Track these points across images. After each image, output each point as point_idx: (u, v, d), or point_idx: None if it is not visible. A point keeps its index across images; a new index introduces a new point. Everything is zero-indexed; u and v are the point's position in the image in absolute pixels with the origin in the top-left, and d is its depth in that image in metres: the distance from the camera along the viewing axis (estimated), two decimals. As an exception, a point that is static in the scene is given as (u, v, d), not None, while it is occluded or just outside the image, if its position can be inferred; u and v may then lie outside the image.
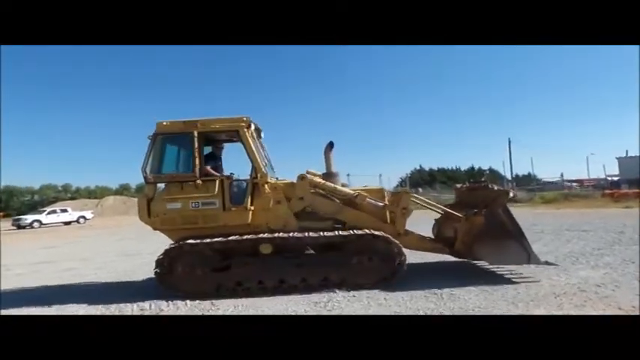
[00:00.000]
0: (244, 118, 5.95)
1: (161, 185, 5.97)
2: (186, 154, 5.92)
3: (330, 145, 6.64)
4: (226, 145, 6.63)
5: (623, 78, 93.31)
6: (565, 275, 5.66)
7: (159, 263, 5.56)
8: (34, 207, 60.11)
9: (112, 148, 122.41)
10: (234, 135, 5.98)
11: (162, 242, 6.03)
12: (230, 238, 5.61)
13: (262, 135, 6.68)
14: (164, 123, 5.87)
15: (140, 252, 11.32)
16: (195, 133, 5.77)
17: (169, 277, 5.58)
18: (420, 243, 6.22)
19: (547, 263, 5.75)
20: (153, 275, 5.63)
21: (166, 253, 5.58)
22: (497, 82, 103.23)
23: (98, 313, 5.07)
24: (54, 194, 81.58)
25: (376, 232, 5.63)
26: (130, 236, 17.91)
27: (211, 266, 5.61)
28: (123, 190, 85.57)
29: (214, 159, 6.28)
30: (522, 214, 20.13)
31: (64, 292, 6.53)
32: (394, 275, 5.55)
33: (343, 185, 6.61)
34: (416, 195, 6.46)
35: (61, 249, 14.36)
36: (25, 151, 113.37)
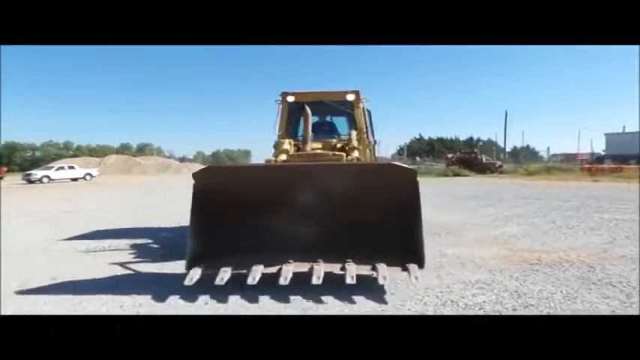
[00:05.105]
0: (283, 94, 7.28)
1: None
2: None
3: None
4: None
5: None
6: (494, 230, 7.32)
7: None
8: (36, 163, 61.61)
9: (112, 108, 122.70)
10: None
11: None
12: None
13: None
14: None
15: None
16: (280, 105, 7.42)
17: None
18: None
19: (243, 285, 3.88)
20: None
21: None
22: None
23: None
24: (55, 151, 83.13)
25: None
26: (144, 191, 19.53)
27: None
28: (124, 150, 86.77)
29: (319, 125, 7.56)
30: (495, 184, 22.04)
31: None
32: None
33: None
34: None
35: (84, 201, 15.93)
36: (26, 109, 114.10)
